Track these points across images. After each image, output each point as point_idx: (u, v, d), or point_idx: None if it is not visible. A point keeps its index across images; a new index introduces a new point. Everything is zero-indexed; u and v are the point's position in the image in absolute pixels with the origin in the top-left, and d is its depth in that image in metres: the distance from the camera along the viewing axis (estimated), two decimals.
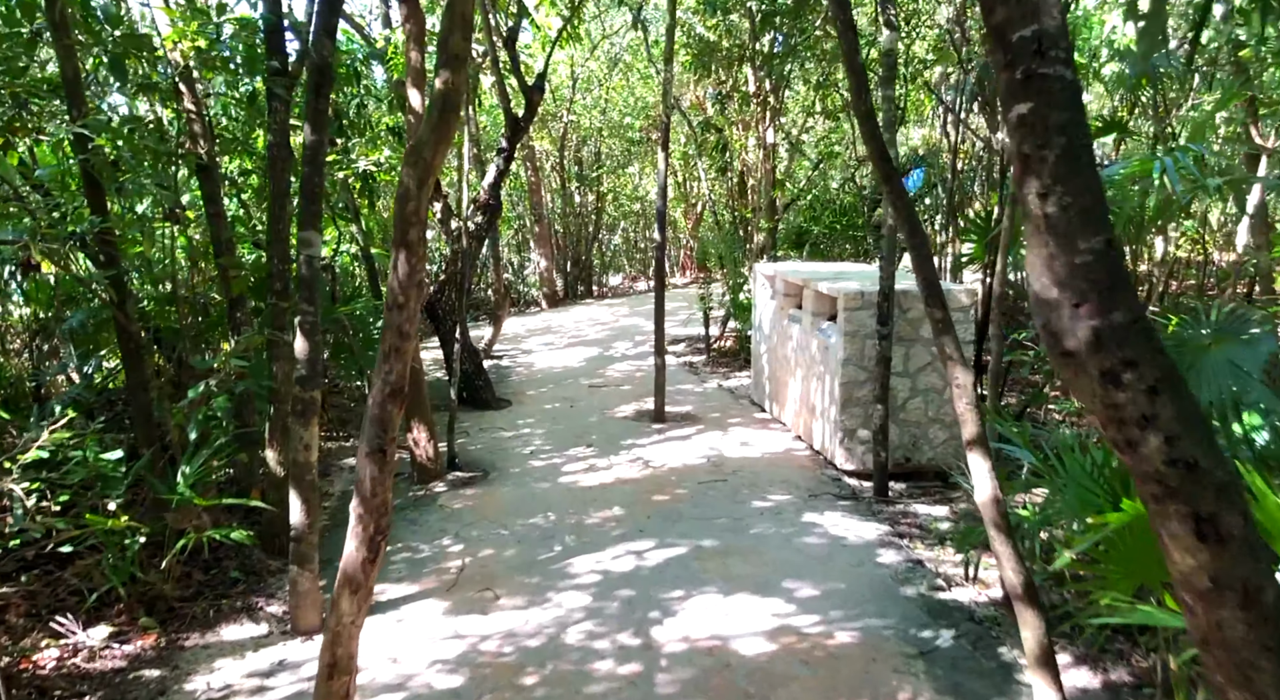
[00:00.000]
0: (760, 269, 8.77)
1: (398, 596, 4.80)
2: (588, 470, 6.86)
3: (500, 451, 7.38)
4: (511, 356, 11.61)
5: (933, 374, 6.69)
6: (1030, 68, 1.95)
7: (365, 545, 2.73)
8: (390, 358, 2.57)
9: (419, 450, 6.49)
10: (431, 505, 6.13)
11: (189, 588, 4.75)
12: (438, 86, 2.64)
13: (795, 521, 5.77)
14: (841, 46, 3.35)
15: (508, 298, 12.48)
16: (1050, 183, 1.92)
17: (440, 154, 2.63)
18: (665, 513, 5.91)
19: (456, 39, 2.61)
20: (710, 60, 11.07)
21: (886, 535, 5.60)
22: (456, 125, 2.67)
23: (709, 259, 17.36)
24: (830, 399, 6.85)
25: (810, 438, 7.37)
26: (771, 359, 8.38)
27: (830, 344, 6.85)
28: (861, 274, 7.62)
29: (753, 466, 6.90)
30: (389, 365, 2.56)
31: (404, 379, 2.59)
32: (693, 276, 20.11)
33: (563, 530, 5.65)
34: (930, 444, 6.74)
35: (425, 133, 2.61)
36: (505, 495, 6.31)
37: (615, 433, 7.87)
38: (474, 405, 8.71)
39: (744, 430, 7.94)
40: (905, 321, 6.60)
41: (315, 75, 4.62)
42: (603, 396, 9.29)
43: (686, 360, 11.24)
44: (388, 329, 2.59)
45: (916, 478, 6.74)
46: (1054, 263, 1.94)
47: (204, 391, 4.47)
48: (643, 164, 20.18)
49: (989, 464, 3.14)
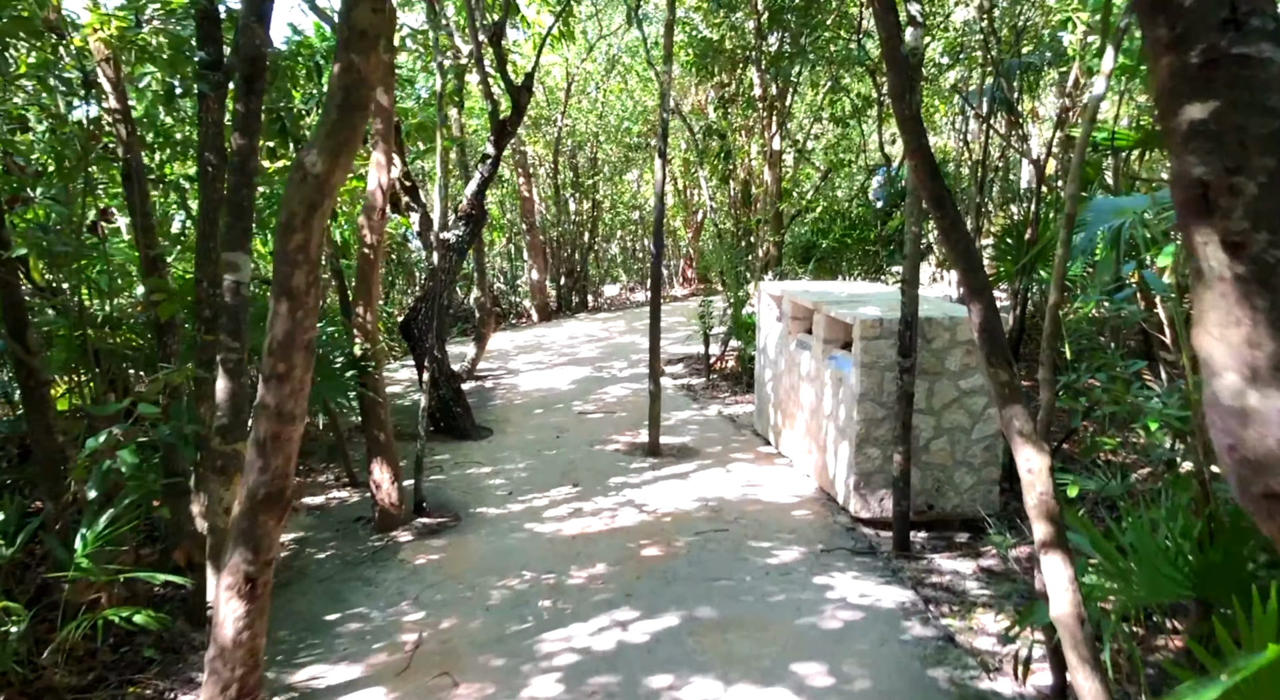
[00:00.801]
0: (766, 288, 8.05)
1: (338, 682, 4.06)
2: (572, 515, 6.13)
3: (475, 491, 6.64)
4: (497, 377, 10.87)
5: (959, 411, 5.96)
6: (1218, 47, 1.25)
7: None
8: (266, 449, 1.85)
9: (380, 493, 5.76)
10: (391, 560, 5.39)
11: (90, 672, 4.01)
12: (335, 74, 1.91)
13: (806, 584, 5.03)
14: (880, 32, 2.63)
15: (493, 314, 11.75)
16: (1249, 227, 1.23)
17: (340, 166, 1.91)
18: (657, 572, 5.18)
19: (364, 10, 1.88)
20: (712, 61, 10.37)
21: (911, 602, 4.87)
22: (363, 127, 1.95)
23: (710, 270, 16.66)
24: (844, 437, 6.12)
25: (820, 478, 6.64)
26: (777, 387, 7.65)
27: (844, 376, 6.12)
28: (879, 297, 6.89)
29: (757, 513, 6.16)
30: (263, 460, 1.84)
31: (285, 478, 1.87)
32: (692, 288, 19.39)
33: (539, 594, 4.91)
34: (956, 489, 6.01)
35: (318, 139, 1.89)
36: (476, 548, 5.57)
37: (605, 469, 7.13)
38: (451, 435, 7.98)
39: (747, 467, 7.20)
40: (929, 353, 5.88)
41: (245, 68, 3.91)
42: (593, 425, 8.55)
43: (685, 383, 10.50)
44: (262, 410, 1.87)
45: (940, 527, 6.02)
46: (1253, 350, 1.22)
47: (108, 441, 3.75)
48: (641, 170, 19.47)
49: (1070, 572, 2.41)
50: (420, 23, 11.71)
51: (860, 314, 5.93)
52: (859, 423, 5.89)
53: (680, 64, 12.05)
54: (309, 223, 1.86)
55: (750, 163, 12.13)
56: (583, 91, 16.98)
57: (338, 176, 1.90)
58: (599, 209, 18.39)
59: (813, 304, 6.74)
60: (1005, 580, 5.28)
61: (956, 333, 5.89)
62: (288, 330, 1.84)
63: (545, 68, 15.87)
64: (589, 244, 18.12)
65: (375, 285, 5.74)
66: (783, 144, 11.07)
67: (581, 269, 17.96)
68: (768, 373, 7.95)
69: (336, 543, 5.68)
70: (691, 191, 18.61)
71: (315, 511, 6.28)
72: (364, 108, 1.91)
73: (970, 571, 5.40)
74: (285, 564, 5.37)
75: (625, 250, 21.18)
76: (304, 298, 1.85)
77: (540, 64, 14.31)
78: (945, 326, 5.89)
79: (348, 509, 6.32)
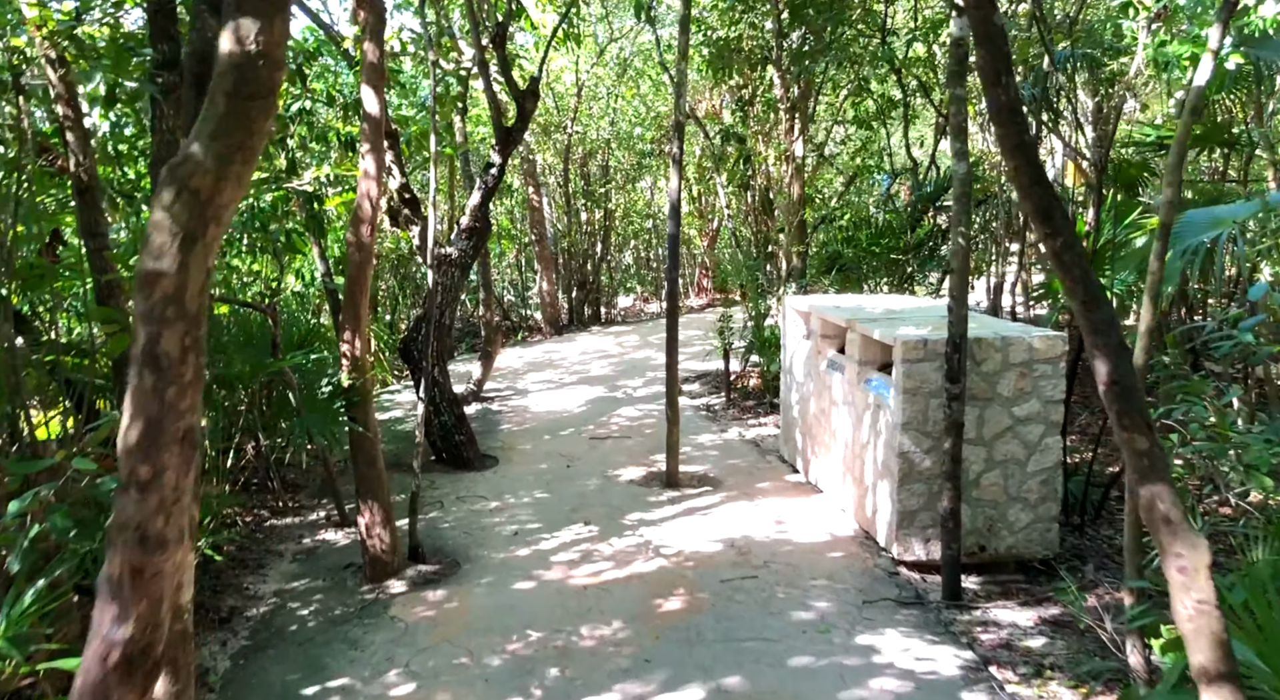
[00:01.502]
0: (792, 303, 7.45)
1: None
2: (583, 559, 5.54)
3: (477, 531, 6.06)
4: (504, 398, 10.30)
5: (1013, 441, 5.35)
6: None
7: None
8: (123, 592, 1.28)
9: (371, 540, 5.19)
10: (381, 617, 4.82)
11: None
12: (223, 48, 1.35)
13: (849, 645, 4.43)
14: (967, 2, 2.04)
15: (499, 332, 11.19)
16: None
17: (231, 178, 1.34)
18: (679, 631, 4.58)
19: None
20: (729, 62, 9.79)
21: (970, 665, 4.25)
22: (266, 125, 1.37)
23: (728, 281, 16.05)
24: (884, 471, 5.52)
25: (857, 515, 6.02)
26: (805, 410, 7.04)
27: (883, 402, 5.52)
28: (918, 313, 6.28)
29: (788, 555, 5.56)
30: (119, 608, 1.28)
31: (154, 631, 1.30)
32: (709, 298, 18.79)
33: (545, 660, 4.32)
34: (1010, 528, 5.39)
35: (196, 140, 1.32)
36: (476, 602, 4.99)
37: (619, 504, 6.54)
38: (453, 464, 7.41)
39: (775, 500, 6.59)
40: (978, 376, 5.27)
41: (195, 65, 3.37)
42: (606, 452, 7.96)
43: (704, 403, 9.89)
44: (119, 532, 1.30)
45: (993, 570, 5.39)
46: None
47: (33, 502, 3.20)
48: (655, 178, 18.90)
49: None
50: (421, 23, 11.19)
51: (901, 334, 5.33)
52: (901, 456, 5.29)
53: (694, 68, 11.49)
54: (184, 262, 1.29)
55: (769, 168, 11.53)
56: (593, 97, 16.44)
57: (228, 193, 1.33)
58: (611, 218, 17.82)
59: (846, 321, 6.14)
60: (1074, 635, 4.66)
61: (1009, 354, 5.29)
62: (153, 417, 1.27)
63: (555, 73, 15.33)
64: (601, 254, 17.54)
65: (363, 307, 5.19)
66: (805, 148, 10.46)
67: (594, 280, 17.39)
68: (794, 394, 7.34)
69: (322, 595, 5.12)
70: (706, 199, 18.02)
71: (301, 557, 5.72)
72: (265, 97, 1.34)
73: (1031, 623, 4.78)
74: (263, 623, 4.80)
75: (639, 260, 20.60)
76: (178, 369, 1.29)
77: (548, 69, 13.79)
78: (996, 347, 5.28)
79: (337, 553, 5.76)
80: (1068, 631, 4.69)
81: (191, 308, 1.30)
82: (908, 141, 10.72)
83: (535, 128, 15.15)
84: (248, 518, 6.28)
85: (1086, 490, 6.07)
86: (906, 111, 10.69)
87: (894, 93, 11.28)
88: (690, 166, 16.14)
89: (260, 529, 6.13)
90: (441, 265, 7.40)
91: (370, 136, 5.13)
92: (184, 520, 1.34)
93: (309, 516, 6.45)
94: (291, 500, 6.73)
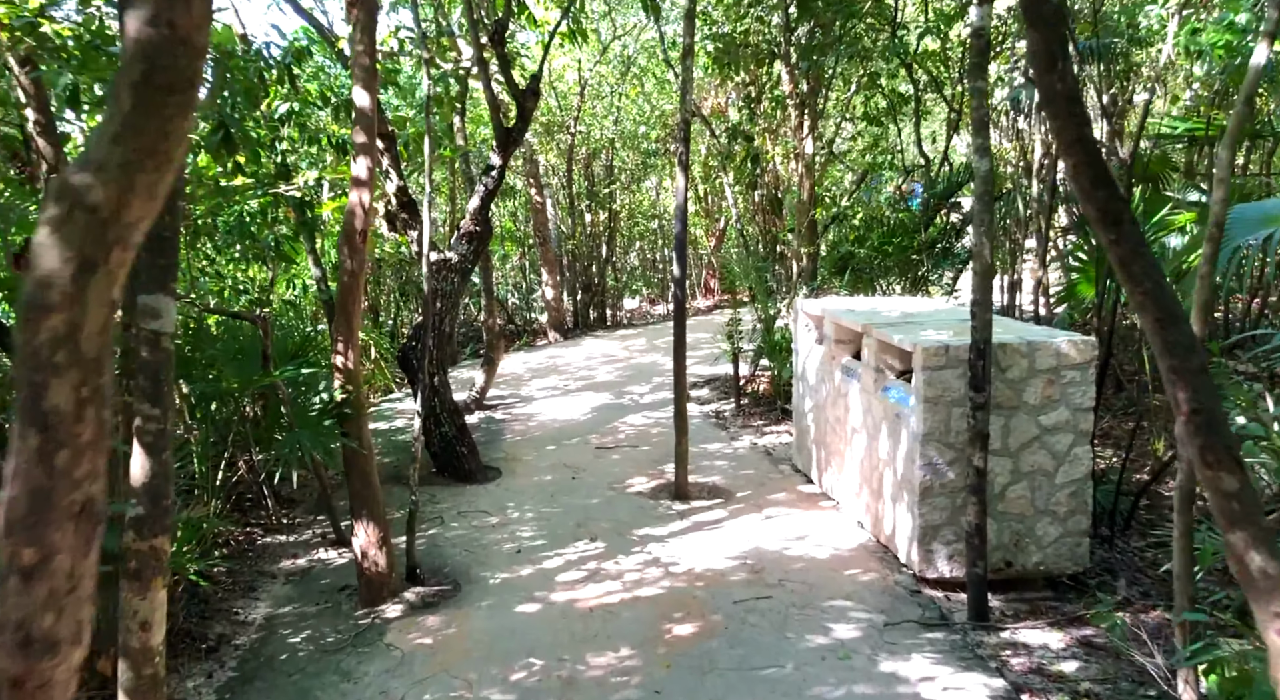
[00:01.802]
0: (803, 307, 7.18)
1: None
2: (589, 579, 5.29)
3: (478, 549, 5.81)
4: (508, 406, 10.04)
5: (1040, 452, 5.08)
6: None
7: None
8: None
9: (366, 562, 4.95)
10: (376, 645, 4.57)
11: None
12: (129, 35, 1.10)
13: (871, 672, 4.17)
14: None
15: (502, 337, 10.94)
16: None
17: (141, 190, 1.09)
18: (690, 657, 4.32)
19: None
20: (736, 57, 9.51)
21: (1001, 695, 3.99)
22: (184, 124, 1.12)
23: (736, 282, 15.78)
24: (904, 484, 5.25)
25: (875, 529, 5.76)
26: (819, 418, 6.77)
27: (903, 412, 5.25)
28: (937, 317, 6.01)
29: (804, 572, 5.30)
30: None
31: None
32: (716, 300, 18.50)
33: (548, 691, 4.07)
34: (1038, 543, 5.12)
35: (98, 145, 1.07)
36: (476, 626, 4.73)
37: (626, 518, 6.28)
38: (454, 477, 7.16)
39: (788, 512, 6.33)
40: (1003, 383, 5.01)
41: None
42: (613, 463, 7.70)
43: (713, 409, 9.62)
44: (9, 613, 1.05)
45: (1021, 587, 5.13)
46: None
47: None
48: (660, 177, 18.61)
49: None
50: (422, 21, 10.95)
51: (921, 340, 5.07)
52: (922, 468, 5.02)
53: (700, 64, 11.22)
54: (79, 295, 1.04)
55: (777, 167, 11.25)
56: (597, 96, 16.16)
57: (137, 208, 1.08)
58: (616, 219, 17.54)
59: (861, 326, 5.87)
60: (1108, 657, 4.39)
61: (1035, 360, 5.02)
62: (39, 487, 1.02)
63: (557, 72, 15.07)
64: (606, 256, 17.27)
65: (356, 319, 4.95)
66: (815, 147, 10.19)
67: (599, 282, 17.12)
68: (807, 402, 7.08)
69: (314, 621, 4.87)
70: (713, 198, 17.74)
71: (295, 578, 5.48)
72: (183, 91, 1.09)
73: (1063, 646, 4.52)
74: (252, 652, 4.57)
75: (645, 261, 20.32)
76: (71, 427, 1.04)
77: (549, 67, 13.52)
78: (1022, 353, 5.01)
79: (332, 573, 5.52)
80: (1101, 654, 4.43)
81: (89, 350, 1.05)
82: (919, 137, 10.43)
83: (538, 127, 14.89)
84: (239, 535, 6.04)
85: (1116, 500, 5.79)
86: (918, 107, 10.40)
87: (905, 88, 11.00)
88: (696, 166, 15.86)
89: (252, 548, 5.90)
90: (441, 270, 7.16)
91: (363, 139, 4.89)
92: (81, 614, 1.09)
93: (303, 534, 6.21)
94: (285, 516, 6.50)
